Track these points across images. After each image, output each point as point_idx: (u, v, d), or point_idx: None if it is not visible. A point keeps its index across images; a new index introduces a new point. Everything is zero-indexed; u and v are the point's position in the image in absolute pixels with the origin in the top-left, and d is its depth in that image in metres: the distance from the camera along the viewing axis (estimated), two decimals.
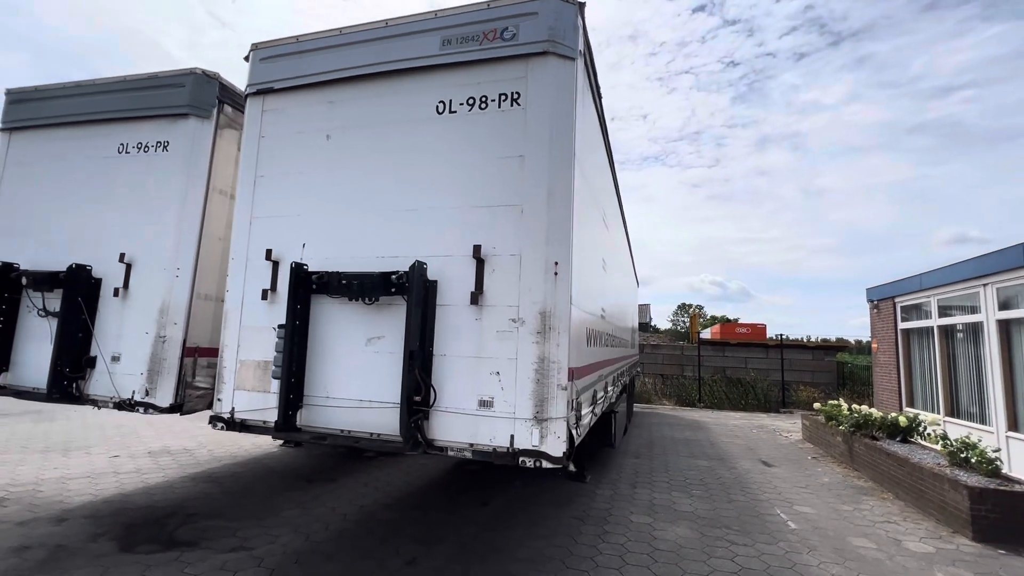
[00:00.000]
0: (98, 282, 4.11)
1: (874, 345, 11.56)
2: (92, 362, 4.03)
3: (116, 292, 4.04)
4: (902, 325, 10.11)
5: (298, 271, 3.15)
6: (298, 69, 3.56)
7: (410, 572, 3.89)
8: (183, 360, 3.95)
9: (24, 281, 4.10)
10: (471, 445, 2.88)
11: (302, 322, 3.19)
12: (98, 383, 4.01)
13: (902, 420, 7.09)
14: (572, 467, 2.97)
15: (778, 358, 17.38)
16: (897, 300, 10.18)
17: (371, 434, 3.04)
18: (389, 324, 3.05)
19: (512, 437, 2.79)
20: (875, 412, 7.69)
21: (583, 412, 3.42)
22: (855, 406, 8.37)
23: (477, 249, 2.96)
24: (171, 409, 3.89)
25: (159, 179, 4.10)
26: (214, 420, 3.44)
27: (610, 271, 5.50)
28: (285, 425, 3.05)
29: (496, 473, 6.84)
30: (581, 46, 3.14)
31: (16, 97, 4.71)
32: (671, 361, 19.03)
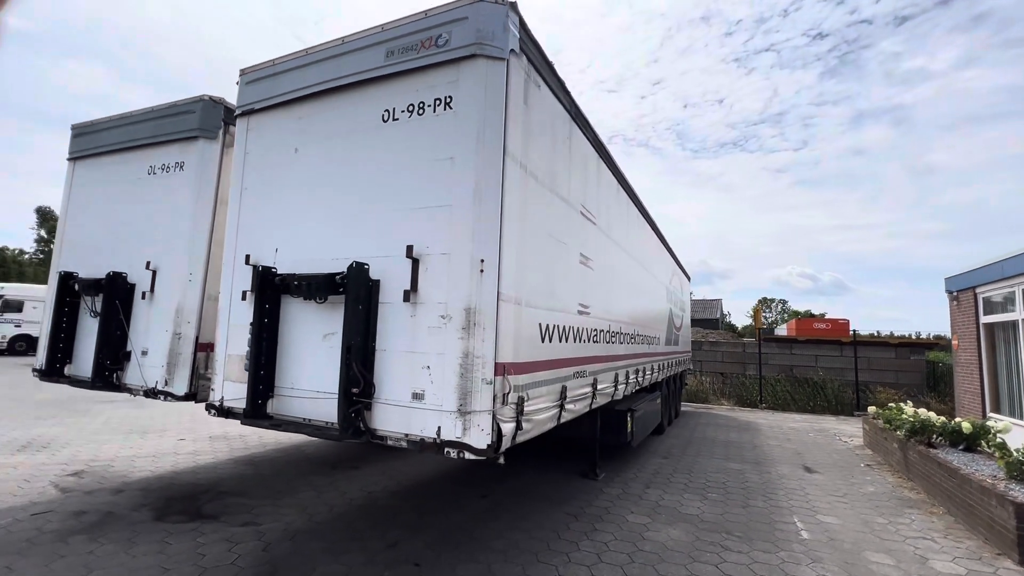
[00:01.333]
0: (132, 287, 4.76)
1: (954, 342, 10.25)
2: (128, 356, 4.69)
3: (144, 295, 4.67)
4: (984, 319, 8.87)
5: (264, 274, 3.49)
6: (273, 89, 3.90)
7: (387, 554, 4.13)
8: (196, 354, 4.47)
9: (77, 287, 4.86)
10: (406, 435, 3.03)
11: (270, 320, 3.52)
12: (132, 374, 4.65)
13: (965, 426, 6.28)
14: (502, 460, 3.04)
15: (857, 357, 15.83)
16: (978, 291, 8.96)
17: (326, 423, 3.29)
18: (340, 321, 3.29)
19: (439, 428, 2.91)
20: (933, 416, 6.85)
21: (533, 407, 3.45)
22: (913, 409, 7.51)
23: (410, 249, 3.11)
24: (186, 397, 4.42)
25: (176, 195, 4.67)
26: (208, 407, 3.88)
27: (605, 267, 5.41)
28: (253, 412, 3.40)
29: (507, 467, 6.96)
30: (514, 45, 3.17)
31: (78, 131, 5.55)
32: (731, 359, 18.01)
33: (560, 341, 4.00)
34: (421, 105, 3.26)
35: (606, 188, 5.45)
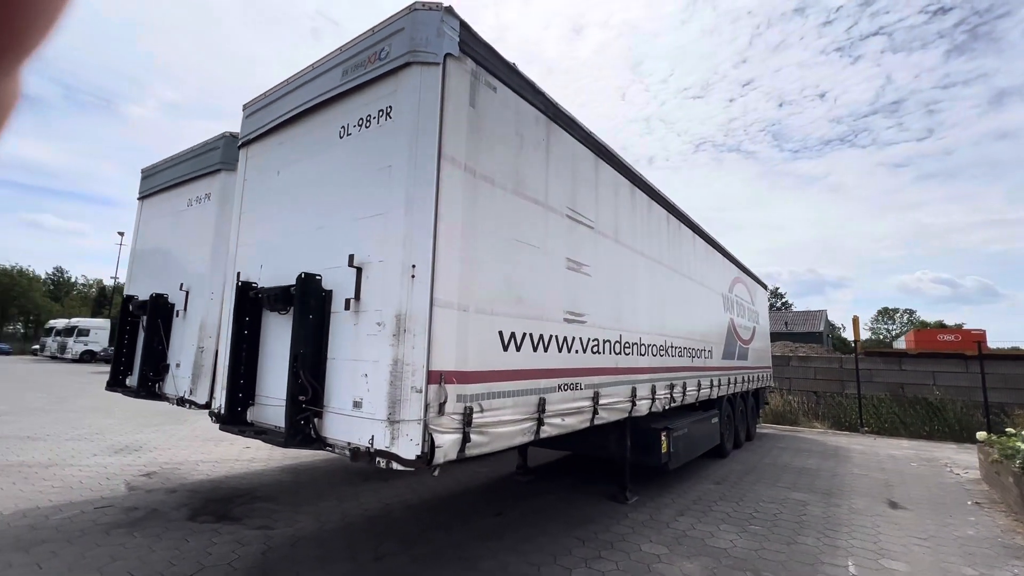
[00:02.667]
0: (172, 306, 5.34)
1: None
2: (167, 368, 5.24)
3: (178, 313, 5.22)
4: None
5: (242, 288, 3.73)
6: (265, 118, 4.23)
7: (373, 566, 4.13)
8: (216, 366, 4.87)
9: (130, 307, 5.57)
10: (348, 444, 3.03)
11: (251, 331, 3.75)
12: (169, 384, 5.18)
13: None
14: (435, 472, 2.91)
15: (984, 373, 13.29)
16: None
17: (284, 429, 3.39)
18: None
19: (372, 437, 2.87)
20: None
21: (491, 419, 3.29)
22: None
23: (351, 258, 3.15)
24: (206, 405, 4.82)
25: (204, 223, 5.20)
26: (210, 414, 4.19)
27: (612, 273, 5.09)
28: (230, 419, 3.61)
29: (536, 485, 6.70)
30: (451, 49, 3.14)
31: (145, 174, 6.43)
32: (826, 376, 16.02)
33: (536, 350, 3.80)
34: (368, 118, 3.33)
35: (608, 190, 5.15)
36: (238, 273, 4.08)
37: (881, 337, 74.84)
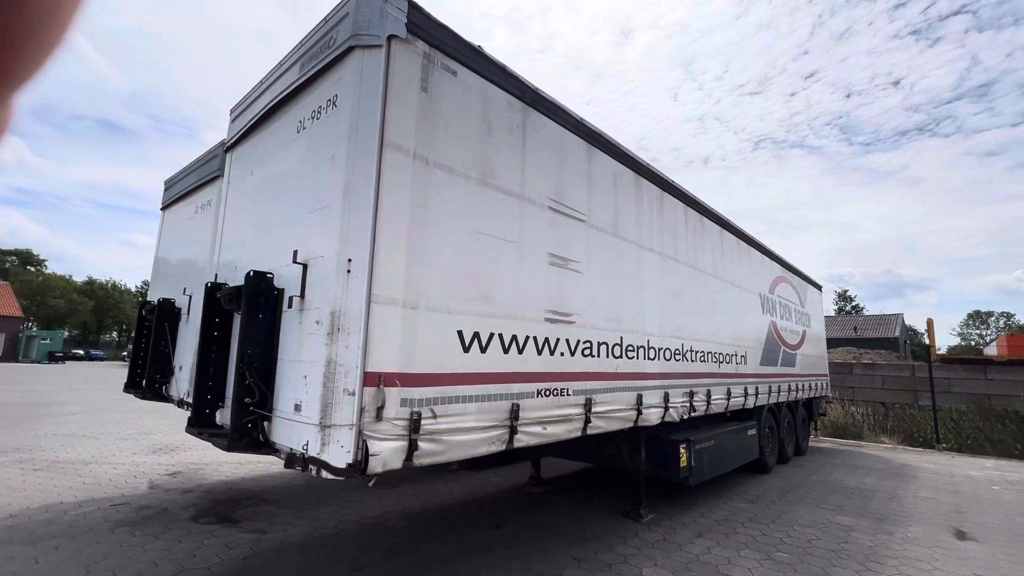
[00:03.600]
0: (178, 311, 5.50)
1: None
2: (172, 370, 5.38)
3: (183, 318, 5.35)
4: None
5: (210, 290, 3.70)
6: (243, 121, 4.23)
7: None
8: None
9: (143, 312, 5.79)
10: (291, 449, 2.88)
11: (221, 333, 3.71)
12: (173, 387, 5.31)
13: None
14: (370, 483, 2.69)
15: None
16: None
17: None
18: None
19: (307, 443, 2.70)
20: None
21: (449, 426, 3.04)
22: None
23: (295, 254, 3.01)
24: None
25: (206, 229, 5.32)
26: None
27: (610, 270, 4.71)
28: (196, 421, 3.57)
29: (547, 498, 6.34)
30: (396, 30, 2.95)
31: (166, 185, 6.74)
32: (896, 385, 14.50)
33: (507, 352, 3.51)
34: (319, 109, 3.21)
35: (605, 181, 4.78)
36: (216, 275, 4.08)
37: (972, 343, 67.47)
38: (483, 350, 3.33)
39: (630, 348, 4.87)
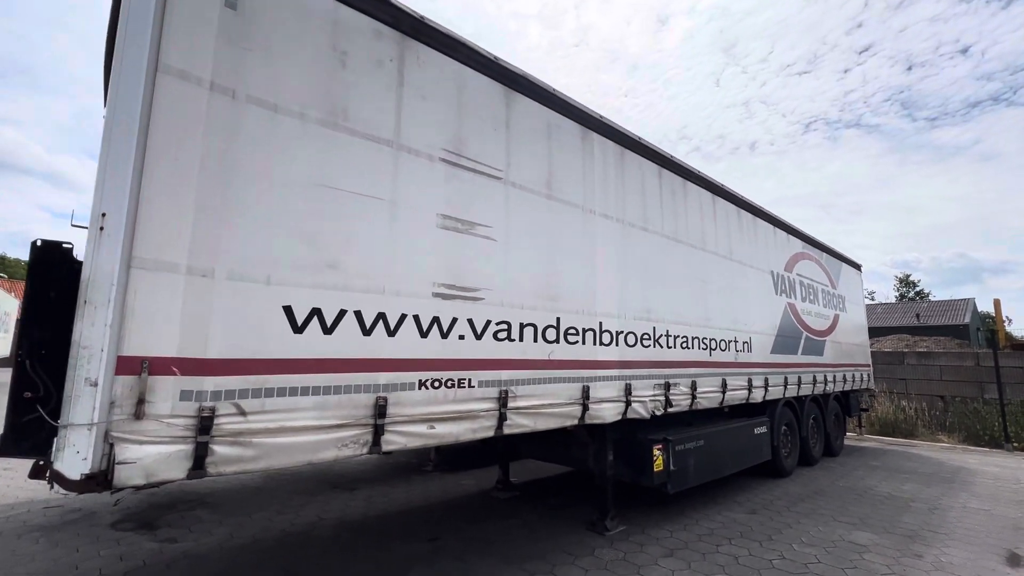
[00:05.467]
0: None
1: None
2: None
3: None
4: None
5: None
6: None
7: None
8: None
9: None
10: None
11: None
12: None
13: None
14: (115, 502, 2.09)
15: None
16: None
17: None
18: None
19: (53, 448, 2.14)
20: None
21: (266, 425, 2.41)
22: None
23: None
24: None
25: None
26: None
27: (550, 239, 3.95)
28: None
29: (513, 506, 5.62)
30: None
31: None
32: (957, 376, 12.76)
33: (369, 333, 2.85)
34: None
35: (534, 132, 4.01)
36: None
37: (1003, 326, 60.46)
38: (328, 331, 2.68)
39: (572, 331, 4.09)
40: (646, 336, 4.85)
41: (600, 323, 4.36)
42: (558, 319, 3.98)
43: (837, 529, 5.03)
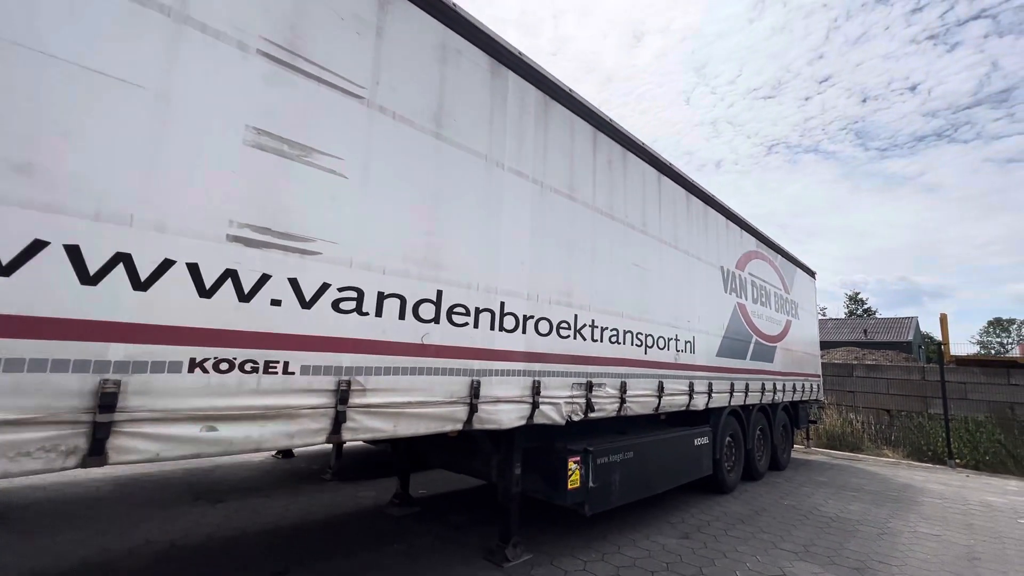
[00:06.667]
0: None
1: None
2: None
3: None
4: None
5: None
6: None
7: None
8: None
9: None
10: None
11: None
12: None
13: None
14: None
15: None
16: None
17: None
18: None
19: None
20: None
21: None
22: None
23: None
24: None
25: None
26: None
27: (411, 176, 3.05)
28: None
29: (404, 525, 4.66)
30: None
31: None
32: (903, 390, 12.59)
33: (95, 283, 1.86)
34: None
35: (420, 49, 3.11)
36: None
37: (992, 352, 64.24)
38: (6, 273, 1.68)
39: (459, 310, 3.19)
40: (564, 325, 4.00)
41: (502, 303, 3.48)
42: (439, 292, 3.07)
43: (778, 559, 4.31)
